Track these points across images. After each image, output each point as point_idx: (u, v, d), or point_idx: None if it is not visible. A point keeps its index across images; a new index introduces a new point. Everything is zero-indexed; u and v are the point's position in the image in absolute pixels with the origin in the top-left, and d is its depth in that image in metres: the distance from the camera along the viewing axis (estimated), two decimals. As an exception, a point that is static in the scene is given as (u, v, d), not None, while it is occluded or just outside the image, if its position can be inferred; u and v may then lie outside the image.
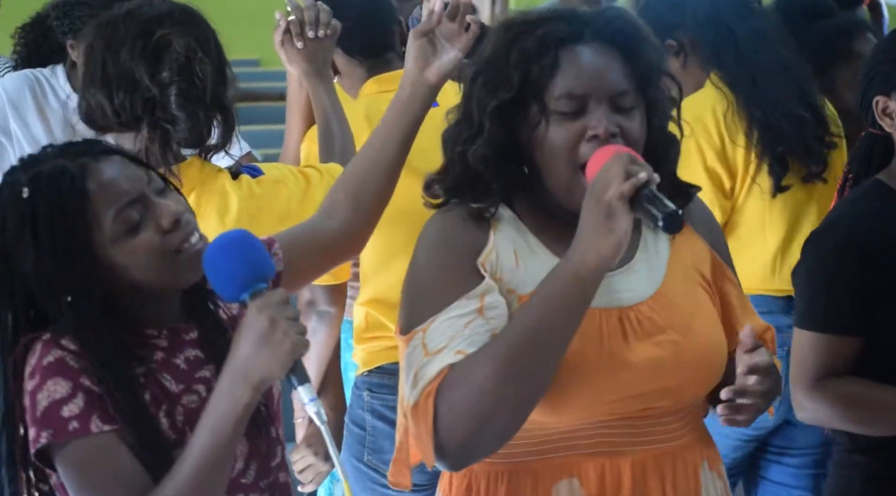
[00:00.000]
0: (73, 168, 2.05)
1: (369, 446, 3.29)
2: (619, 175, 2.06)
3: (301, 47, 3.17)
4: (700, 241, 2.36)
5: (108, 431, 1.99)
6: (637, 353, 2.20)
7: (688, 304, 2.27)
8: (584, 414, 2.19)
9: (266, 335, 1.95)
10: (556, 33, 2.22)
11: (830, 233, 2.73)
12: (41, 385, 1.99)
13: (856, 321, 2.66)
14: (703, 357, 2.24)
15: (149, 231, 2.06)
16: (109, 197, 2.05)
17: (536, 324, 2.10)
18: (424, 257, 2.25)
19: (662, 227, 2.05)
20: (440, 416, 2.10)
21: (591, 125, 2.18)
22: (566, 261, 2.11)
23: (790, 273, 3.33)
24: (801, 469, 3.58)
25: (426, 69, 2.42)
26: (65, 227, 2.03)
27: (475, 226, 2.24)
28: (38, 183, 2.04)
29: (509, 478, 2.24)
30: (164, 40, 2.69)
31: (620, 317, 2.22)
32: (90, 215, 2.04)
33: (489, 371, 2.09)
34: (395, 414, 3.19)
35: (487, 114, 2.23)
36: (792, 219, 3.51)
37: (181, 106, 2.69)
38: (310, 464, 3.45)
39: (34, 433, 1.99)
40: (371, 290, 3.30)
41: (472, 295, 2.17)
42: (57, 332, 2.03)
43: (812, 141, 3.49)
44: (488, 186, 2.24)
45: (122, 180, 2.07)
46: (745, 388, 2.16)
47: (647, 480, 2.23)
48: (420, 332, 2.17)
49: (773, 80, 3.49)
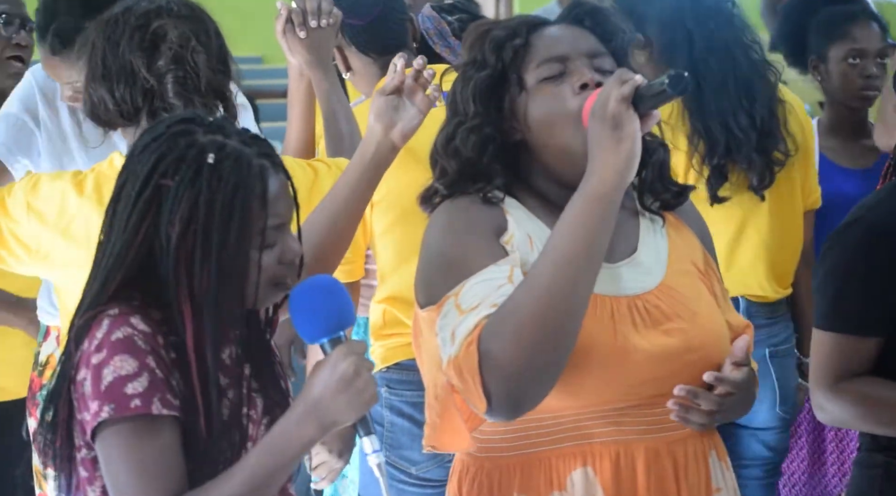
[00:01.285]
0: (257, 165, 2.07)
1: (388, 443, 3.28)
2: (615, 85, 2.12)
3: (303, 37, 3.18)
4: (692, 236, 2.40)
5: (166, 416, 2.00)
6: (648, 340, 2.22)
7: (691, 294, 2.30)
8: (596, 399, 2.21)
9: (349, 381, 2.00)
10: (526, 21, 2.33)
11: (850, 232, 2.69)
12: (108, 360, 2.00)
13: (876, 322, 2.63)
14: (709, 343, 2.27)
15: (272, 255, 2.09)
16: (270, 211, 2.08)
17: (568, 249, 2.11)
18: (443, 233, 2.27)
19: (670, 89, 2.08)
20: (485, 359, 2.10)
21: (575, 79, 2.24)
22: (584, 185, 2.13)
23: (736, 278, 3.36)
24: (750, 480, 3.58)
25: (391, 130, 2.50)
26: (236, 211, 2.04)
27: (489, 208, 2.28)
28: (224, 154, 2.06)
29: (522, 470, 2.25)
30: (160, 31, 2.71)
31: (629, 306, 2.25)
32: (253, 215, 2.06)
33: (530, 303, 2.10)
34: (414, 410, 3.22)
35: (470, 98, 2.29)
36: (737, 226, 3.53)
37: (178, 93, 2.70)
38: (324, 460, 3.46)
39: (96, 407, 1.99)
40: (389, 288, 3.30)
41: (502, 262, 2.19)
42: (125, 310, 2.04)
43: (755, 155, 3.50)
44: (487, 174, 2.28)
45: (282, 201, 2.11)
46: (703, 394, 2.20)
47: (660, 468, 2.24)
48: (452, 297, 2.18)
49: (721, 91, 3.50)
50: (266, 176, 2.08)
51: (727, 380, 2.22)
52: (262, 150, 2.11)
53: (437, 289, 2.21)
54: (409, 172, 2.66)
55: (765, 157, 3.52)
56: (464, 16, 3.49)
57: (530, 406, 2.14)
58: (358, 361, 2.00)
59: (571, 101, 2.23)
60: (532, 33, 2.31)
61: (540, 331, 2.09)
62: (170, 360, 2.03)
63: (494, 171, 2.28)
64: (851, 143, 4.01)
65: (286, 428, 2.02)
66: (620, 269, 2.27)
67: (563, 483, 2.23)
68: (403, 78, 2.53)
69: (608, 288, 2.23)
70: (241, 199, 2.04)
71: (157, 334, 2.03)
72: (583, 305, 2.13)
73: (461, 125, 2.30)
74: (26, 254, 2.85)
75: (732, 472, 2.37)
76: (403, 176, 2.97)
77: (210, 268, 2.03)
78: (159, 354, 2.02)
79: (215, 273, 2.03)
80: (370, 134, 2.52)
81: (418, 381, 3.27)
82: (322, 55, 3.20)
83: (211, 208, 2.04)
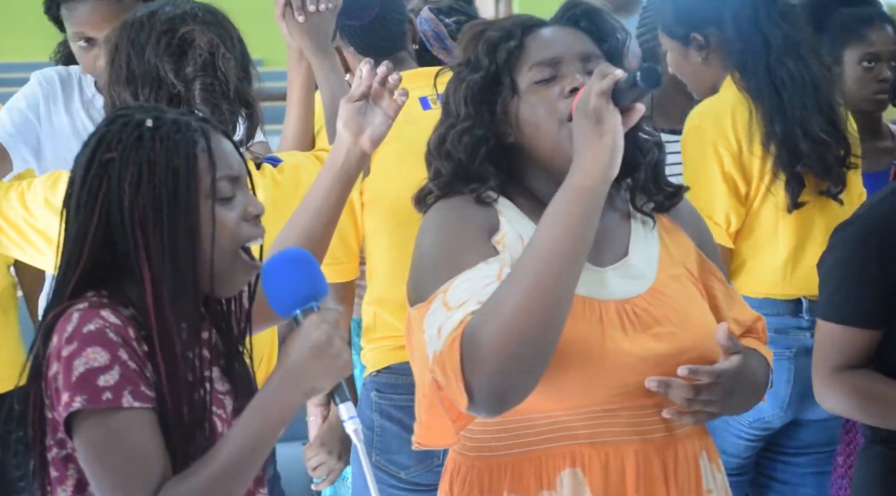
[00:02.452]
0: (196, 125, 2.08)
1: (377, 446, 3.28)
2: (596, 80, 2.13)
3: (302, 21, 3.16)
4: (686, 239, 2.40)
5: (137, 409, 1.99)
6: (636, 344, 2.22)
7: (681, 298, 2.31)
8: (585, 400, 2.21)
9: (322, 348, 1.99)
10: (520, 22, 2.33)
11: (848, 229, 2.78)
12: (79, 351, 1.98)
13: (875, 315, 2.71)
14: (698, 347, 2.27)
15: (235, 210, 2.09)
16: (220, 162, 2.08)
17: (552, 242, 2.12)
18: (436, 233, 2.28)
19: (641, 82, 2.08)
20: (467, 356, 2.10)
21: (566, 83, 2.25)
22: (568, 179, 2.14)
23: (800, 278, 3.36)
24: (807, 468, 3.57)
25: (360, 137, 2.48)
26: (181, 165, 2.04)
27: (483, 209, 2.28)
28: (161, 121, 2.06)
29: (512, 470, 2.25)
30: (188, 37, 2.73)
31: (618, 310, 2.25)
32: (200, 168, 2.06)
33: (514, 297, 2.10)
34: (403, 414, 3.21)
35: (462, 100, 2.30)
36: (805, 228, 3.49)
37: (205, 100, 2.73)
38: (323, 461, 3.47)
39: (67, 397, 1.98)
40: (378, 289, 3.30)
41: (492, 261, 2.20)
42: (95, 304, 2.03)
43: (832, 162, 3.46)
44: (480, 175, 2.29)
45: (233, 157, 2.11)
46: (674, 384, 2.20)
47: (650, 469, 2.25)
48: (441, 294, 2.18)
49: (798, 96, 3.43)
50: (208, 133, 2.08)
51: (703, 371, 2.21)
52: (203, 118, 2.12)
53: (427, 286, 2.22)
54: (401, 173, 2.65)
55: (840, 164, 3.48)
56: (461, 18, 3.47)
57: (513, 402, 2.14)
58: (330, 329, 2.00)
59: (560, 104, 2.24)
60: (526, 34, 2.31)
61: (524, 324, 2.09)
62: (143, 352, 2.02)
63: (487, 172, 2.29)
64: (865, 145, 3.99)
65: (265, 396, 2.00)
66: (610, 273, 2.28)
67: (552, 483, 2.24)
68: (370, 83, 2.52)
69: (597, 291, 2.24)
70: (184, 153, 2.05)
71: (128, 326, 2.02)
72: (567, 299, 2.13)
73: (453, 127, 2.31)
74: (47, 245, 2.88)
75: (724, 474, 2.37)
76: (395, 177, 2.96)
77: (162, 224, 2.03)
78: (131, 346, 2.01)
79: (168, 230, 2.03)
80: (339, 142, 2.51)
81: (408, 385, 3.27)
82: (321, 40, 3.18)
83: (156, 167, 2.04)
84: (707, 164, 3.40)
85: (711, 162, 3.41)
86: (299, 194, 2.81)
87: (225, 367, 2.15)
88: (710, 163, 3.41)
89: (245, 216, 2.09)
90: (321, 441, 3.47)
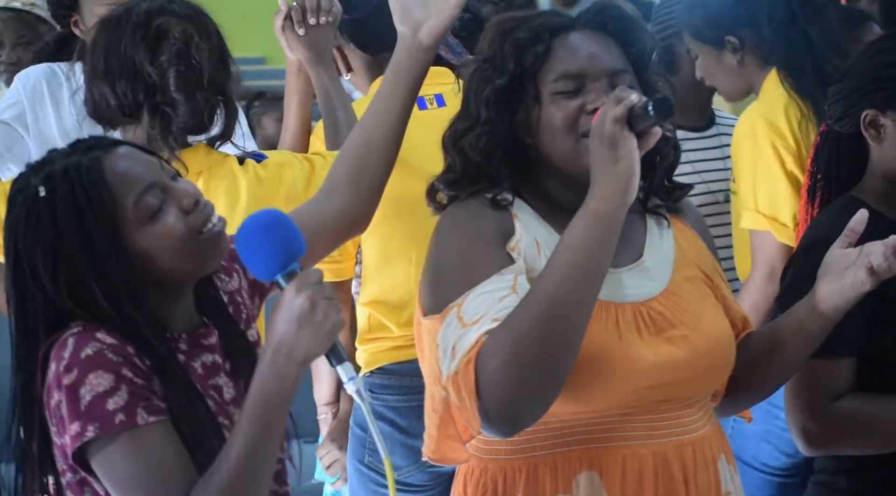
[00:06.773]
0: (87, 161, 2.04)
1: (370, 447, 3.27)
2: (611, 105, 2.11)
3: (302, 34, 3.18)
4: (698, 239, 2.39)
5: (153, 423, 1.97)
6: (652, 349, 2.21)
7: (696, 300, 2.29)
8: (602, 405, 2.20)
9: (306, 315, 1.93)
10: (549, 24, 2.28)
11: (810, 255, 2.47)
12: (82, 379, 1.96)
13: (844, 342, 2.46)
14: (713, 349, 2.26)
15: (171, 214, 2.05)
16: (127, 185, 2.04)
17: (568, 268, 2.10)
18: (449, 240, 2.24)
19: (654, 114, 2.07)
20: (482, 379, 2.09)
21: (590, 100, 2.22)
22: (585, 204, 2.13)
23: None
24: None
25: (419, 31, 2.36)
26: (90, 218, 2.01)
27: (498, 213, 2.25)
28: (53, 181, 2.03)
29: (528, 473, 2.24)
30: (163, 27, 2.75)
31: (634, 313, 2.24)
32: (111, 205, 2.02)
33: (530, 320, 2.08)
34: (396, 415, 3.19)
35: (484, 102, 2.26)
36: None
37: (179, 88, 2.73)
38: (336, 458, 3.46)
39: (78, 427, 1.95)
40: (372, 290, 3.28)
41: (506, 272, 2.17)
42: (90, 326, 2.00)
43: None
44: (493, 177, 2.26)
45: (136, 168, 2.06)
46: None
47: (669, 472, 2.23)
48: (455, 307, 2.16)
49: None
50: (101, 162, 2.04)
51: None
52: (90, 144, 2.08)
53: (441, 296, 2.20)
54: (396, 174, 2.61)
55: None
56: (465, 15, 3.44)
57: (527, 424, 2.14)
58: (313, 293, 1.93)
59: (581, 120, 2.21)
60: (554, 37, 2.27)
61: (539, 349, 2.08)
62: (146, 367, 2.00)
63: (502, 174, 2.27)
64: None
65: (263, 379, 1.96)
66: (626, 275, 2.27)
67: (568, 486, 2.22)
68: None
69: (613, 294, 2.22)
70: (89, 210, 2.01)
71: (126, 344, 2.00)
72: (583, 325, 2.11)
73: (471, 130, 2.27)
74: None
75: (739, 476, 2.35)
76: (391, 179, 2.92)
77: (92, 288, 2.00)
78: (133, 363, 1.99)
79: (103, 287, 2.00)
80: (400, 40, 2.38)
81: (401, 386, 3.25)
82: (321, 52, 3.20)
83: (64, 241, 2.01)
84: (768, 165, 3.36)
85: (772, 162, 3.37)
86: (282, 191, 2.84)
87: (232, 369, 2.14)
88: (771, 163, 3.37)
89: (184, 211, 2.06)
90: (332, 437, 3.47)
